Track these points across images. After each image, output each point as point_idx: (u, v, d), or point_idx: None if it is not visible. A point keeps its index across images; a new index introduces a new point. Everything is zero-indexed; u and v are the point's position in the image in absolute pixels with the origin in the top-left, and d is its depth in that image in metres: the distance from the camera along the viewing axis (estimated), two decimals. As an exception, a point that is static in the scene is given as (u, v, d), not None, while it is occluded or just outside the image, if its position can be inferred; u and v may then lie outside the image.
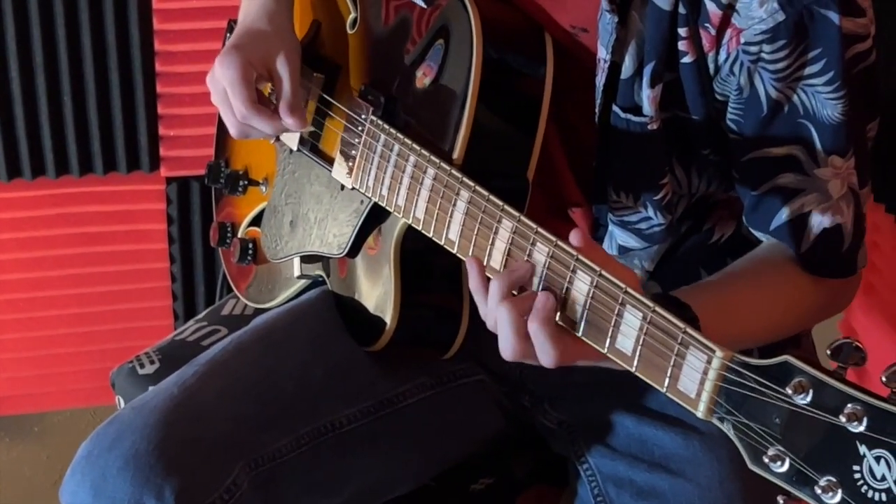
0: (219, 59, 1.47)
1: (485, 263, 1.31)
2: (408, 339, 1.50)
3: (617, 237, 1.49)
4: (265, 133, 1.51)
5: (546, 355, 1.21)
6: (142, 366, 1.70)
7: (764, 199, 1.37)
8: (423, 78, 1.46)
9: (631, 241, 1.48)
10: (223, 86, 1.47)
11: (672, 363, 1.14)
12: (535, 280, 1.25)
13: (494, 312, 1.23)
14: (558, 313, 1.21)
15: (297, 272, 1.63)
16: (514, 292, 1.24)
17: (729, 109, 1.36)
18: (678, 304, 1.18)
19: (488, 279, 1.25)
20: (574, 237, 1.22)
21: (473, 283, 1.26)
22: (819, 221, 1.36)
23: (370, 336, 1.51)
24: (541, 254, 1.25)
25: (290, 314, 1.60)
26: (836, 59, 1.30)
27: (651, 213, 1.45)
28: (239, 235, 1.74)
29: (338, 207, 1.55)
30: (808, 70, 1.31)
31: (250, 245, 1.71)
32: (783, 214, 1.36)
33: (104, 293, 2.21)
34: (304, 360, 1.54)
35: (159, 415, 1.44)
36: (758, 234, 1.42)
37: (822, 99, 1.32)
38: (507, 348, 1.22)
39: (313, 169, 1.59)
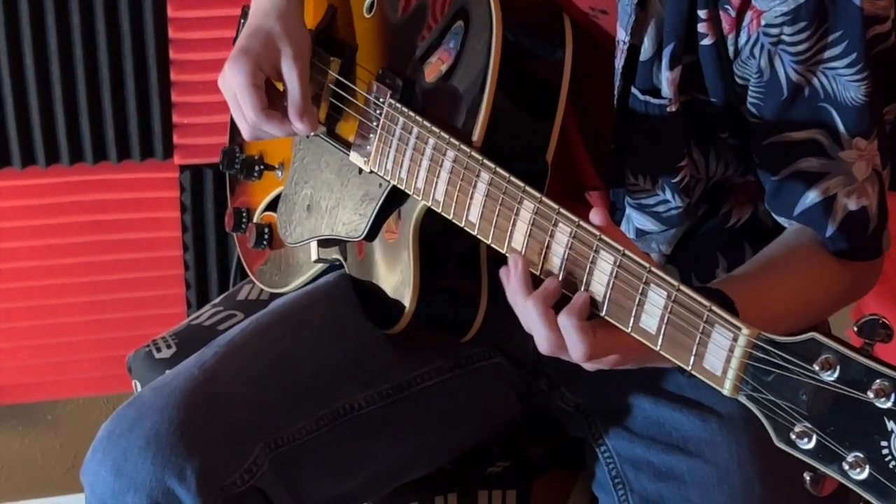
0: (228, 63, 1.48)
1: (506, 244, 1.31)
2: (426, 323, 1.50)
3: (634, 220, 1.49)
4: (277, 136, 1.52)
5: (579, 346, 1.21)
6: (158, 350, 1.71)
7: (786, 184, 1.37)
8: (441, 62, 1.46)
9: (649, 224, 1.48)
10: (232, 86, 1.48)
11: (697, 341, 1.14)
12: (557, 261, 1.25)
13: (524, 308, 1.24)
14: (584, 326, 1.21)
15: (314, 256, 1.64)
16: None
17: (749, 93, 1.36)
18: (710, 292, 1.18)
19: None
20: (595, 216, 1.22)
21: (515, 282, 1.26)
22: (845, 204, 1.35)
23: (388, 319, 1.51)
24: (563, 234, 1.25)
25: (308, 297, 1.60)
26: (858, 41, 1.29)
27: (669, 195, 1.45)
28: (254, 220, 1.74)
29: (350, 189, 1.55)
30: (829, 53, 1.31)
31: (266, 230, 1.71)
32: (808, 199, 1.36)
33: (117, 281, 2.22)
34: (321, 343, 1.54)
35: (180, 395, 1.44)
36: (780, 220, 1.41)
37: (843, 82, 1.32)
38: (543, 339, 1.23)
39: (330, 153, 1.59)
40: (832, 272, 1.39)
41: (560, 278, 1.24)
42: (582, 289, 1.22)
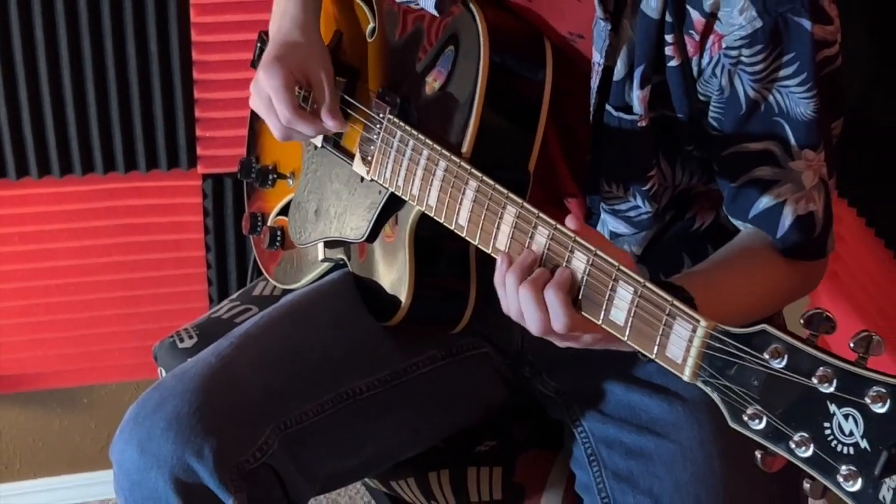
0: (262, 68, 1.48)
1: (491, 245, 1.31)
2: (420, 316, 1.50)
3: (608, 224, 1.49)
4: (307, 135, 1.51)
5: (559, 321, 1.21)
6: (181, 340, 1.71)
7: (742, 190, 1.37)
8: (435, 81, 1.46)
9: (621, 227, 1.48)
10: (268, 93, 1.47)
11: (661, 332, 1.14)
12: (538, 260, 1.25)
13: (516, 298, 1.23)
14: (568, 299, 1.21)
15: (320, 256, 1.64)
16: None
17: (711, 108, 1.36)
18: (673, 288, 1.17)
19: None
20: (570, 222, 1.22)
21: (499, 276, 1.27)
22: (794, 209, 1.36)
23: (387, 313, 1.51)
24: (542, 236, 1.25)
25: (315, 293, 1.60)
26: (809, 62, 1.30)
27: (639, 202, 1.45)
28: (268, 224, 1.75)
29: (356, 198, 1.55)
30: (783, 72, 1.31)
31: (278, 232, 1.72)
32: (761, 204, 1.36)
33: (146, 278, 2.22)
34: (326, 335, 1.54)
35: (199, 381, 1.45)
36: (737, 223, 1.41)
37: (795, 98, 1.32)
38: (534, 322, 1.23)
39: (336, 163, 1.59)
40: (781, 270, 1.39)
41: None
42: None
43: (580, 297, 1.21)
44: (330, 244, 1.62)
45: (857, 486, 0.99)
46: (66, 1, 1.95)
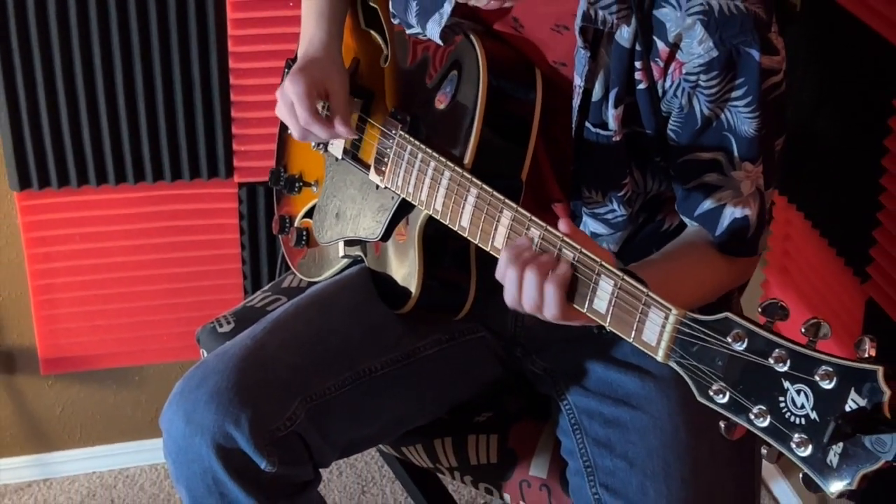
0: (288, 79, 1.48)
1: (490, 244, 1.32)
2: (428, 305, 1.50)
3: (589, 225, 1.49)
4: (321, 138, 1.51)
5: (549, 311, 1.21)
6: (220, 326, 1.71)
7: (691, 193, 1.38)
8: (440, 102, 1.46)
9: (600, 228, 1.49)
10: (291, 99, 1.47)
11: (637, 319, 1.15)
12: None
13: (518, 280, 1.22)
14: (564, 296, 1.21)
15: (340, 253, 1.63)
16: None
17: (670, 122, 1.37)
18: (630, 275, 1.18)
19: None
20: (562, 225, 1.23)
21: (513, 261, 1.25)
22: (731, 212, 1.37)
23: (399, 302, 1.51)
24: (534, 236, 1.26)
25: (335, 285, 1.60)
26: (756, 87, 1.31)
27: (616, 206, 1.45)
28: (295, 225, 1.74)
29: (368, 203, 1.55)
30: (734, 94, 1.32)
31: (304, 233, 1.71)
32: (705, 205, 1.38)
33: (189, 272, 2.22)
34: (346, 320, 1.54)
35: (236, 361, 1.45)
36: (685, 219, 1.43)
37: (742, 117, 1.33)
38: (529, 302, 1.22)
39: (352, 172, 1.59)
40: (717, 265, 1.40)
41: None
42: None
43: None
44: (349, 243, 1.61)
45: (807, 451, 1.00)
46: (121, 35, 1.95)
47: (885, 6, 1.67)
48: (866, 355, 0.98)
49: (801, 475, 1.01)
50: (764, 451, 1.04)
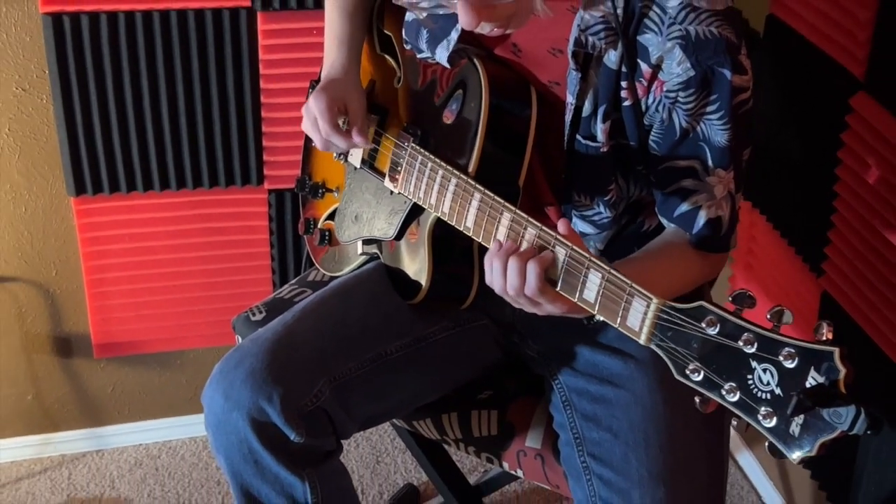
0: (312, 97, 1.49)
1: (491, 242, 1.31)
2: (436, 296, 1.50)
3: (578, 226, 1.49)
4: (341, 148, 1.52)
5: (530, 287, 1.21)
6: (253, 315, 1.71)
7: (670, 197, 1.38)
8: (447, 118, 1.46)
9: (588, 228, 1.48)
10: (314, 113, 1.48)
11: (622, 307, 1.15)
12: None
13: (502, 271, 1.23)
14: (543, 274, 1.21)
15: (359, 251, 1.63)
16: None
17: (652, 134, 1.37)
18: (618, 270, 1.18)
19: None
20: (561, 226, 1.23)
21: (489, 255, 1.27)
22: (706, 213, 1.36)
23: (411, 293, 1.51)
24: (531, 234, 1.26)
25: (355, 279, 1.60)
26: (727, 103, 1.31)
27: (602, 209, 1.45)
28: (319, 226, 1.74)
29: (382, 206, 1.55)
30: (708, 109, 1.32)
31: (327, 233, 1.71)
32: (682, 208, 1.37)
33: (225, 268, 2.21)
34: (365, 310, 1.54)
35: (268, 345, 1.45)
36: (663, 221, 1.42)
37: (715, 129, 1.33)
38: (513, 286, 1.23)
39: (368, 180, 1.59)
40: (693, 261, 1.39)
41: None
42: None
43: (559, 280, 1.21)
44: (366, 242, 1.61)
45: (773, 423, 1.00)
46: (166, 60, 1.95)
47: (837, 34, 1.68)
48: (824, 338, 0.98)
49: (766, 444, 1.01)
50: (734, 422, 1.04)
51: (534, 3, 1.22)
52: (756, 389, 1.01)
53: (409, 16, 1.53)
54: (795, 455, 0.99)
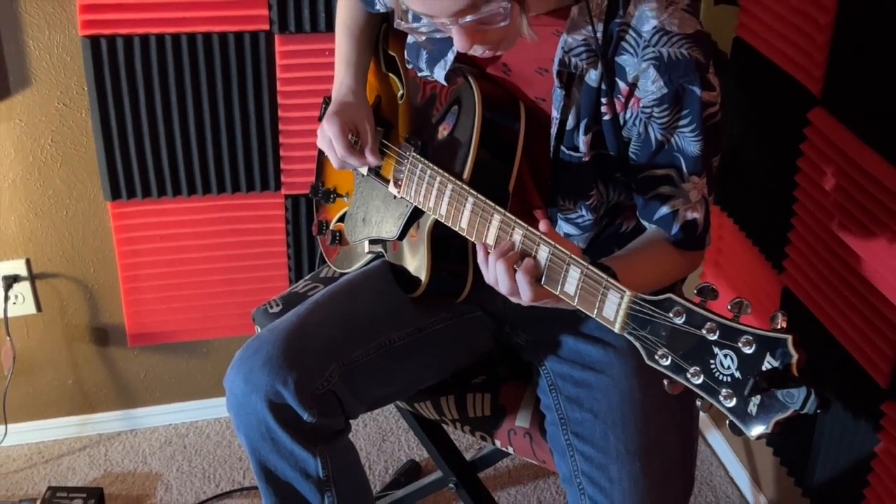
0: (326, 120, 1.49)
1: (483, 240, 1.31)
2: (435, 290, 1.50)
3: (563, 227, 1.48)
4: (355, 166, 1.52)
5: (525, 294, 1.21)
6: (271, 307, 1.71)
7: (649, 202, 1.38)
8: (444, 130, 1.46)
9: (571, 230, 1.48)
10: (329, 137, 1.48)
11: (598, 299, 1.15)
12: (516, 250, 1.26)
13: (494, 269, 1.23)
14: (532, 279, 1.22)
15: (366, 250, 1.63)
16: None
17: (630, 146, 1.37)
18: (604, 267, 1.18)
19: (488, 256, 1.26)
20: (542, 225, 1.23)
21: (481, 256, 1.27)
22: (684, 216, 1.36)
23: (412, 288, 1.51)
24: (518, 234, 1.25)
25: (362, 275, 1.60)
26: (698, 116, 1.31)
27: (584, 212, 1.45)
28: (330, 228, 1.74)
29: (389, 210, 1.55)
30: (681, 123, 1.31)
31: (337, 234, 1.71)
32: (661, 211, 1.37)
33: (245, 265, 2.20)
34: (371, 302, 1.54)
35: (284, 334, 1.45)
36: (644, 223, 1.42)
37: (687, 140, 1.32)
38: (505, 288, 1.23)
39: (376, 186, 1.59)
40: (673, 257, 1.39)
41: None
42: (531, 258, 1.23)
43: (542, 276, 1.21)
44: (373, 242, 1.61)
45: (732, 403, 1.01)
46: (193, 78, 1.95)
47: (797, 54, 1.68)
48: (779, 327, 0.99)
49: (727, 422, 1.02)
50: (699, 402, 1.04)
51: (521, 28, 1.23)
52: (718, 373, 1.01)
53: (410, 38, 1.53)
54: (753, 432, 0.99)
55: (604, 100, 1.34)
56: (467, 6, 1.16)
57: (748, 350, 0.99)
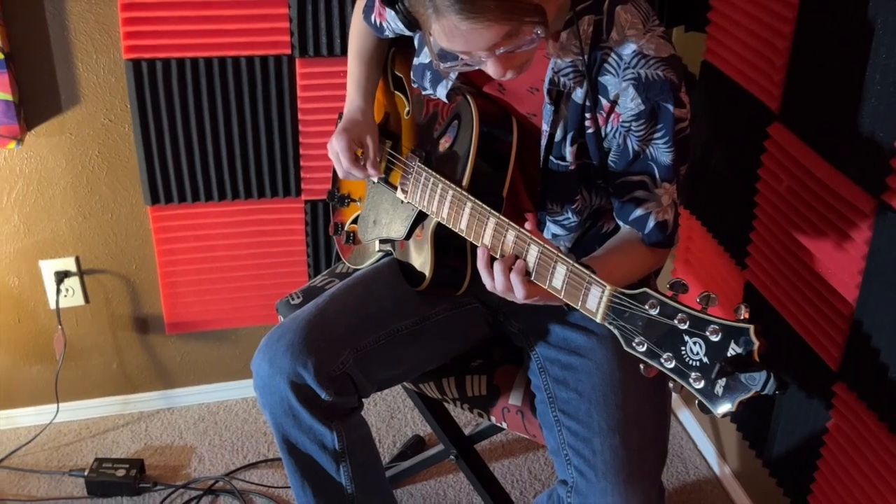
0: (335, 136, 1.49)
1: (480, 241, 1.31)
2: (438, 284, 1.50)
3: (551, 229, 1.49)
4: (358, 178, 1.53)
5: (518, 292, 1.21)
6: (292, 299, 1.71)
7: (625, 204, 1.38)
8: (446, 142, 1.46)
9: (559, 230, 1.48)
10: (337, 151, 1.48)
11: (582, 293, 1.14)
12: (508, 250, 1.26)
13: (491, 270, 1.24)
14: (524, 278, 1.22)
15: (377, 248, 1.63)
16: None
17: (610, 155, 1.37)
18: (583, 265, 1.18)
19: (491, 259, 1.27)
20: (527, 224, 1.23)
21: (481, 261, 1.27)
22: (655, 217, 1.36)
23: (417, 282, 1.51)
24: (511, 235, 1.25)
25: (374, 270, 1.60)
26: (671, 130, 1.31)
27: (570, 215, 1.45)
28: (345, 229, 1.74)
29: (397, 213, 1.55)
30: (656, 135, 1.31)
31: (351, 234, 1.71)
32: (636, 213, 1.37)
33: (270, 262, 2.20)
34: (381, 295, 1.54)
35: (304, 323, 1.45)
36: (620, 223, 1.42)
37: (661, 151, 1.32)
38: (500, 288, 1.23)
39: (385, 192, 1.59)
40: (645, 254, 1.39)
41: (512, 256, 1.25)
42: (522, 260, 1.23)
43: (532, 273, 1.21)
44: (382, 241, 1.61)
45: (701, 384, 1.01)
46: (223, 96, 1.95)
47: (757, 76, 1.68)
48: (742, 317, 0.99)
49: (696, 402, 1.02)
50: (671, 384, 1.04)
51: (548, 48, 1.22)
52: (688, 358, 1.01)
53: (415, 60, 1.53)
54: (719, 410, 0.99)
55: (588, 115, 1.34)
56: (503, 38, 1.15)
57: (715, 338, 0.99)
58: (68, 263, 2.13)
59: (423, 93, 1.53)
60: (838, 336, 1.51)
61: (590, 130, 1.35)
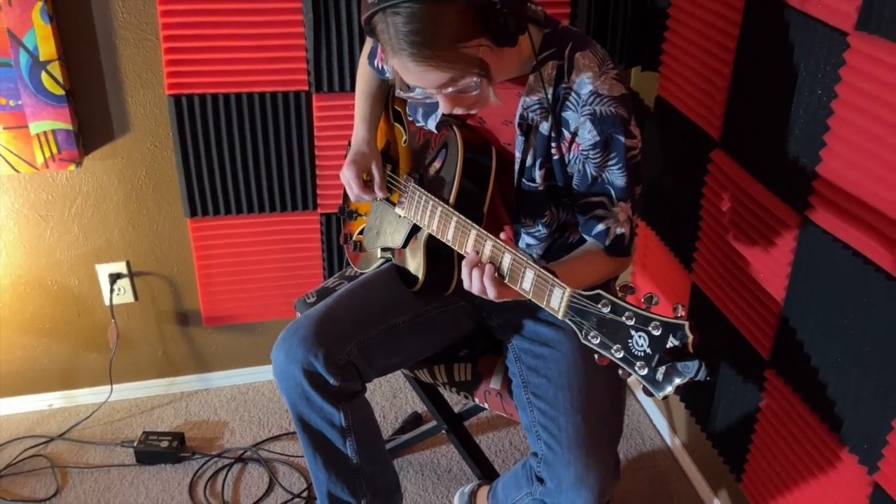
0: (346, 166, 1.50)
1: (464, 249, 1.32)
2: (429, 286, 1.50)
3: (525, 239, 1.49)
4: (368, 200, 1.53)
5: (490, 292, 1.22)
6: (308, 298, 1.71)
7: (588, 220, 1.38)
8: (436, 166, 1.46)
9: (532, 241, 1.49)
10: (348, 179, 1.50)
11: (547, 294, 1.15)
12: (486, 257, 1.26)
13: (469, 278, 1.24)
14: (496, 273, 1.22)
15: (379, 255, 1.64)
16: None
17: (574, 179, 1.37)
18: (550, 270, 1.19)
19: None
20: (503, 234, 1.24)
21: (466, 265, 1.27)
22: (614, 232, 1.36)
23: (412, 284, 1.51)
24: (489, 245, 1.26)
25: (376, 274, 1.61)
26: (623, 158, 1.31)
27: (541, 228, 1.45)
28: (353, 239, 1.74)
29: (396, 226, 1.55)
30: (610, 162, 1.32)
31: (358, 243, 1.71)
32: (597, 228, 1.37)
33: (291, 266, 2.19)
34: (382, 295, 1.54)
35: (316, 320, 1.46)
36: (585, 236, 1.42)
37: (616, 175, 1.33)
38: (476, 289, 1.24)
39: (387, 208, 1.60)
40: (606, 262, 1.39)
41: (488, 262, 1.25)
42: (497, 267, 1.23)
43: (506, 276, 1.22)
44: (384, 249, 1.62)
45: (644, 372, 1.02)
46: (251, 129, 1.95)
47: (701, 108, 1.69)
48: (679, 315, 1.00)
49: (641, 387, 1.03)
50: (620, 371, 1.05)
51: (489, 95, 1.23)
52: (634, 349, 1.02)
53: (411, 98, 1.55)
54: (660, 394, 1.00)
55: (553, 145, 1.34)
56: (447, 81, 1.17)
57: (656, 332, 1.00)
58: (120, 267, 2.14)
59: (417, 125, 1.54)
60: (769, 329, 1.53)
61: (555, 157, 1.36)
